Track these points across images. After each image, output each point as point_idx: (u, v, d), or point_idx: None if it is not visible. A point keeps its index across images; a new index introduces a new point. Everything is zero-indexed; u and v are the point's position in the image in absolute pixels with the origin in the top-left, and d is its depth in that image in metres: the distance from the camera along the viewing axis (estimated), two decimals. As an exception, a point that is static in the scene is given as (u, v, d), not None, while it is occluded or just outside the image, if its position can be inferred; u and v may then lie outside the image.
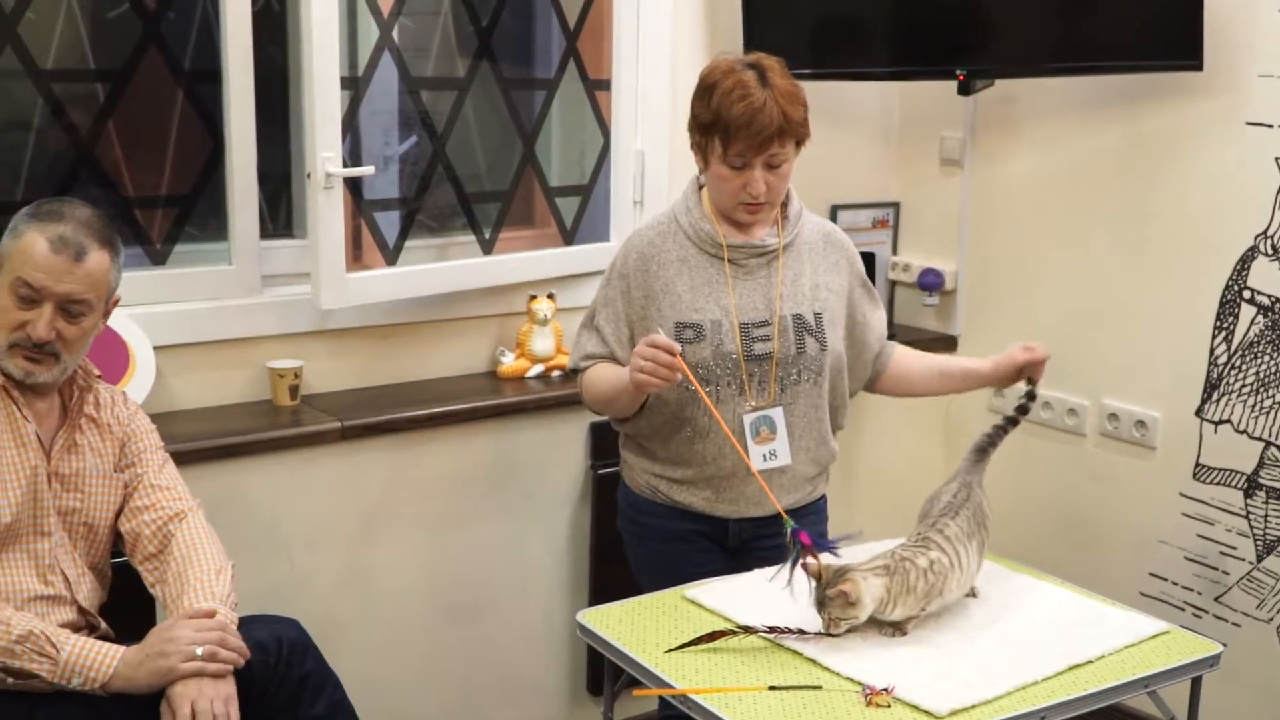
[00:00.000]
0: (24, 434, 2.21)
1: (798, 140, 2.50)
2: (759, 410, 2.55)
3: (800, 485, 2.63)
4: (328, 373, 3.12)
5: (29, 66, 2.79)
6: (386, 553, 3.09)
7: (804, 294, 2.58)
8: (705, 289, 2.56)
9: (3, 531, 2.17)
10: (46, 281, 2.15)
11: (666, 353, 2.37)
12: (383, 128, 3.25)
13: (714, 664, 2.15)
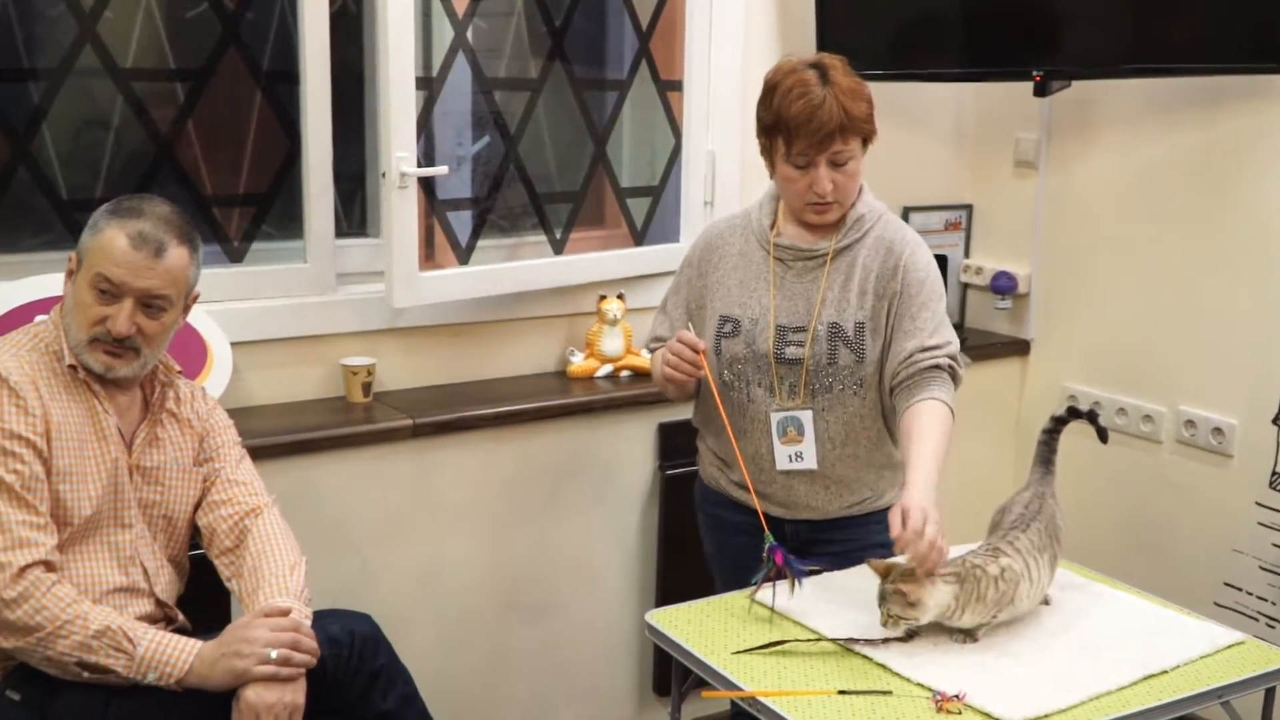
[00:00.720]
0: (105, 428, 2.25)
1: (864, 138, 2.47)
2: (787, 411, 2.54)
3: (854, 489, 2.60)
4: (400, 370, 3.14)
5: (108, 65, 2.84)
6: (456, 550, 3.11)
7: (849, 302, 2.51)
8: (752, 285, 2.56)
9: (84, 524, 2.20)
10: (126, 277, 2.18)
11: (691, 349, 2.43)
12: (456, 128, 3.27)
13: (782, 667, 2.14)
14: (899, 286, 2.50)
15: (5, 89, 2.76)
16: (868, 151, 2.51)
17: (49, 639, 2.05)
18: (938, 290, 2.52)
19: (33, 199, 2.81)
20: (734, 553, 2.67)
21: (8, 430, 2.11)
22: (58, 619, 2.06)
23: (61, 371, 2.22)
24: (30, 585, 2.06)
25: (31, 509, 2.11)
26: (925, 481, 2.27)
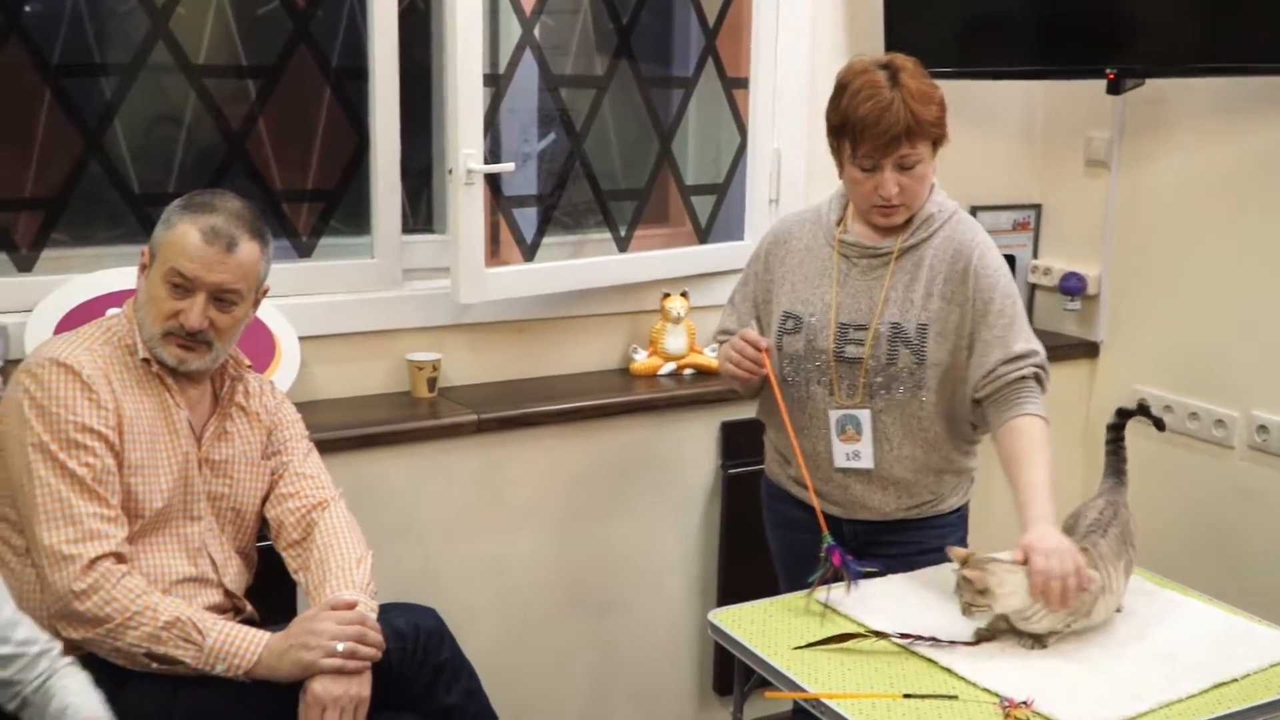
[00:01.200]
0: (176, 421, 2.27)
1: (934, 141, 2.44)
2: (845, 409, 2.52)
3: (913, 492, 2.58)
4: (465, 366, 3.16)
5: (180, 61, 2.87)
6: (519, 545, 3.12)
7: (913, 302, 2.48)
8: (815, 281, 2.55)
9: (154, 516, 2.23)
10: (199, 271, 2.20)
11: (753, 347, 2.42)
12: (522, 125, 3.28)
13: (847, 669, 2.13)
14: (971, 293, 2.46)
15: (78, 84, 2.80)
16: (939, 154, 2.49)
17: (118, 630, 2.08)
18: (1012, 294, 2.48)
19: (105, 193, 2.85)
20: (796, 549, 2.65)
21: (80, 423, 2.14)
22: (127, 610, 2.08)
23: (134, 365, 2.25)
24: (100, 577, 2.09)
25: (103, 501, 2.14)
26: (1049, 515, 2.24)
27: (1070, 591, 2.10)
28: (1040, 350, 2.46)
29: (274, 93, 2.99)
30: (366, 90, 3.01)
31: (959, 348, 2.48)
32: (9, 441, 2.17)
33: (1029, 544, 2.16)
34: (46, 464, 2.12)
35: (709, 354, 3.35)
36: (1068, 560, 2.11)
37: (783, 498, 2.69)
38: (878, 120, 2.37)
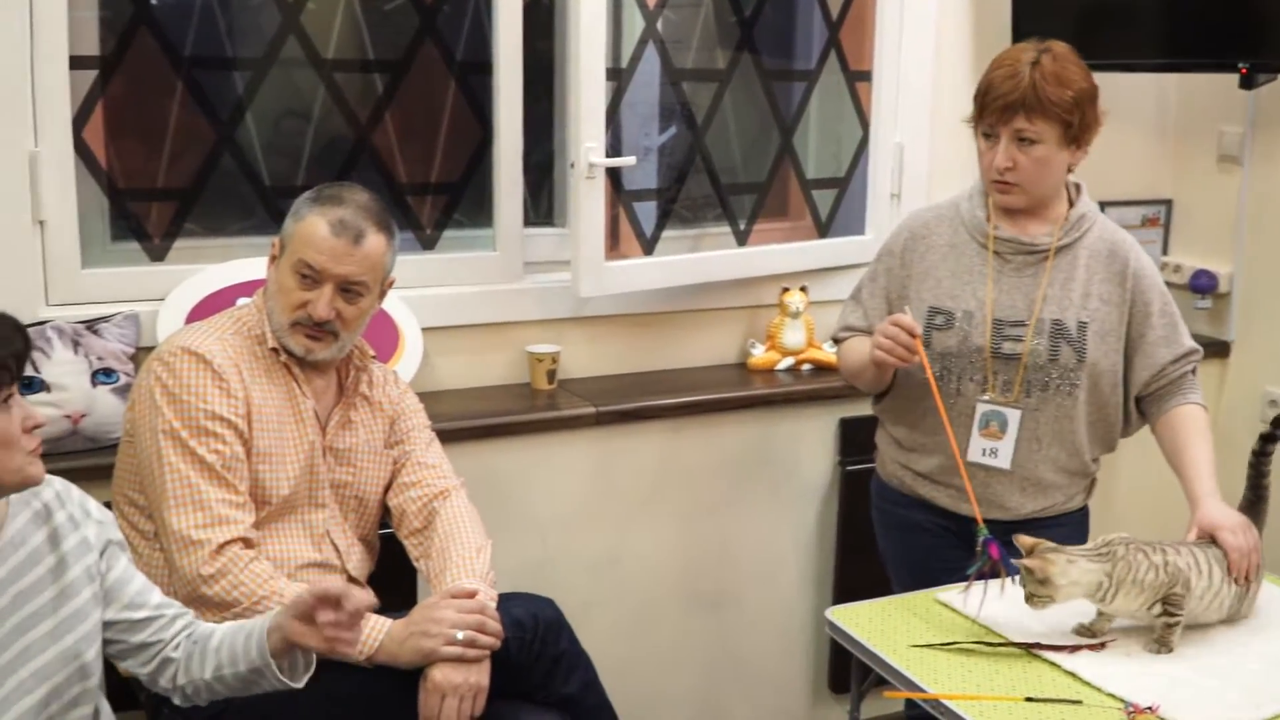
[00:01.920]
0: (303, 410, 2.31)
1: (1063, 127, 2.40)
2: (995, 405, 2.49)
3: (1049, 493, 2.55)
4: (583, 358, 3.17)
5: (311, 56, 2.92)
6: (635, 537, 3.13)
7: (1072, 300, 2.48)
8: (965, 277, 2.52)
9: (281, 503, 2.27)
10: (326, 263, 2.24)
11: (907, 333, 2.38)
12: (643, 119, 3.29)
13: (967, 670, 2.10)
14: (1129, 294, 2.49)
15: (211, 77, 2.86)
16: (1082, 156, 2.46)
17: (245, 614, 2.11)
18: (1167, 292, 2.55)
19: (237, 185, 2.91)
20: (916, 553, 2.64)
21: (210, 411, 2.19)
22: (254, 594, 2.13)
23: (263, 354, 2.29)
24: (228, 562, 2.14)
25: (231, 488, 2.19)
26: (1216, 491, 2.34)
27: (1254, 567, 2.21)
28: (1198, 346, 2.57)
29: (400, 87, 3.03)
30: (490, 84, 3.04)
31: (1117, 348, 2.50)
32: (140, 428, 2.23)
33: (1214, 522, 2.24)
34: (177, 450, 2.17)
35: (828, 349, 3.33)
36: (1251, 534, 2.22)
37: (900, 500, 2.66)
38: (1000, 85, 2.39)
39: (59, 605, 1.82)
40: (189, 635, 1.97)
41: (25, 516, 1.82)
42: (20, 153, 2.55)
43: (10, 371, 1.69)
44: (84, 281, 2.68)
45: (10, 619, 1.77)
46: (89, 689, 1.86)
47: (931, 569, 2.48)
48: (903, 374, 2.55)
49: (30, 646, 1.78)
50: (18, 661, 1.77)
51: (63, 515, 1.86)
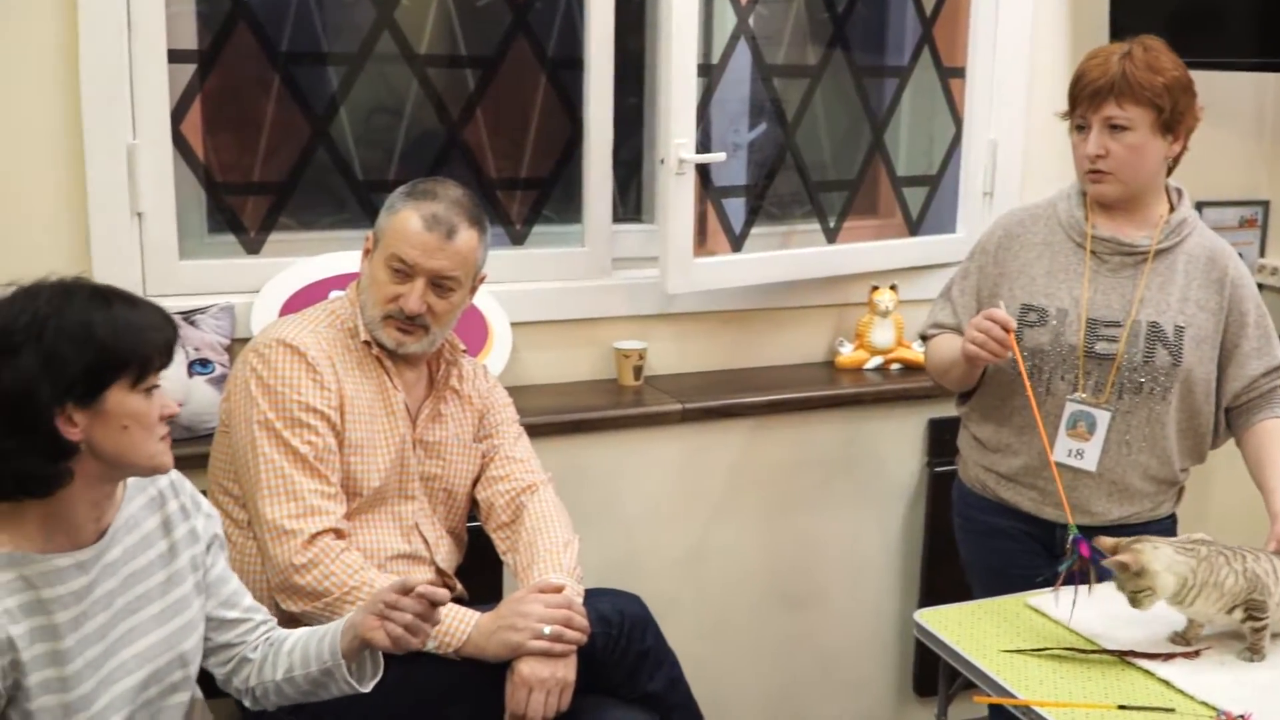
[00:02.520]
0: (394, 403, 2.33)
1: (1156, 112, 2.36)
2: (1085, 406, 2.45)
3: (1135, 500, 2.51)
4: (670, 355, 3.17)
5: (405, 51, 2.94)
6: (720, 535, 3.12)
7: (1169, 304, 2.44)
8: (1061, 276, 2.49)
9: (372, 494, 2.30)
10: (419, 258, 2.25)
11: (1001, 328, 2.35)
12: (733, 115, 3.27)
13: (1058, 676, 2.07)
14: (1227, 302, 2.46)
15: (306, 72, 2.90)
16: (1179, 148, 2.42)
17: (336, 604, 2.14)
18: (1262, 305, 2.51)
19: (330, 179, 2.94)
20: (994, 557, 2.61)
21: (304, 403, 2.21)
22: (345, 584, 2.15)
23: (355, 347, 2.31)
24: (320, 552, 2.16)
25: (323, 479, 2.21)
26: None
27: None
28: None
29: (491, 82, 3.04)
30: (581, 80, 3.04)
31: (1212, 356, 2.46)
32: (235, 418, 2.26)
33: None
34: (271, 441, 2.20)
35: (917, 349, 3.29)
36: None
37: (983, 504, 2.63)
38: (1090, 72, 2.38)
39: (166, 590, 1.86)
40: (266, 639, 2.00)
41: (140, 501, 1.86)
42: (119, 145, 2.59)
43: (161, 360, 1.73)
44: (181, 273, 2.72)
45: (120, 599, 1.80)
46: (187, 676, 1.89)
47: (1012, 576, 2.46)
48: (992, 370, 2.53)
49: (136, 628, 1.82)
50: (122, 642, 1.80)
51: (175, 504, 1.90)
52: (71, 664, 1.73)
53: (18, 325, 1.65)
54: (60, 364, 1.65)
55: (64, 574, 1.73)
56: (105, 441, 1.70)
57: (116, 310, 1.70)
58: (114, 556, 1.80)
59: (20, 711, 1.71)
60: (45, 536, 1.73)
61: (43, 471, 1.67)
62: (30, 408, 1.64)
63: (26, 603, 1.70)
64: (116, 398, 1.69)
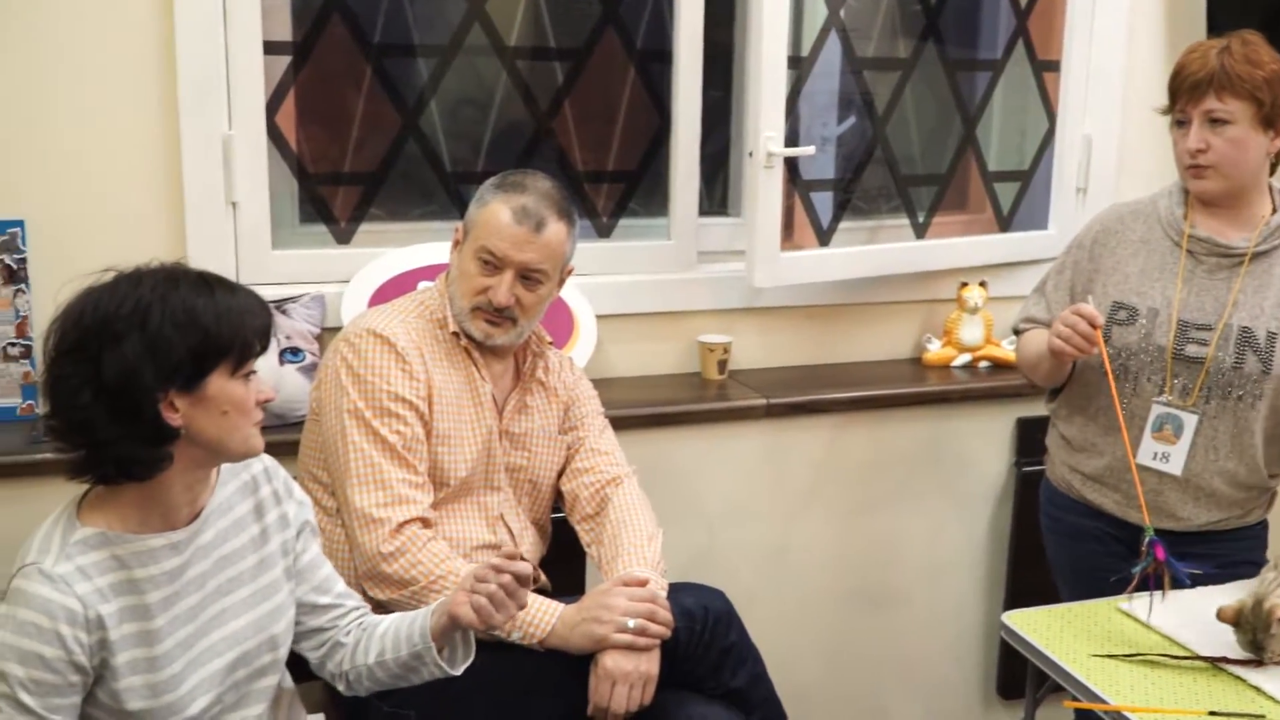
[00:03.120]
0: (481, 394, 2.34)
1: (1255, 102, 2.31)
2: (1172, 408, 2.41)
3: (1224, 505, 2.46)
4: (755, 349, 3.16)
5: (495, 44, 2.95)
6: (802, 532, 3.10)
7: (1263, 309, 2.38)
8: (1154, 275, 2.45)
9: (458, 485, 2.31)
10: (508, 250, 2.26)
11: (1088, 323, 2.32)
12: (821, 108, 3.25)
13: (1148, 681, 2.05)
14: None
15: (397, 64, 2.92)
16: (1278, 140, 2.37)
17: (422, 593, 2.16)
18: None
19: (420, 171, 2.96)
20: (1079, 560, 2.58)
21: (393, 393, 2.23)
22: (431, 574, 2.16)
23: (444, 338, 2.33)
24: (407, 540, 2.18)
25: (411, 468, 2.23)
26: None
27: None
28: None
29: (580, 75, 3.05)
30: (669, 73, 3.04)
31: None
32: (325, 407, 2.28)
33: None
34: (360, 430, 2.22)
35: (1006, 346, 3.26)
36: None
37: (1068, 505, 2.60)
38: (1189, 66, 2.36)
39: (258, 574, 1.89)
40: (360, 624, 2.01)
41: (234, 486, 1.89)
42: (215, 136, 2.63)
43: (260, 345, 1.76)
44: (273, 262, 2.75)
45: (212, 581, 1.83)
46: (276, 660, 1.91)
47: (1097, 578, 2.42)
48: (1081, 367, 2.50)
49: (227, 610, 1.85)
50: (213, 624, 1.83)
51: (268, 490, 1.93)
52: (161, 644, 1.76)
53: (122, 312, 1.67)
54: (164, 350, 1.67)
55: (157, 554, 1.76)
56: (205, 427, 1.72)
57: (218, 296, 1.72)
58: (207, 539, 1.82)
59: (108, 690, 1.74)
60: (140, 518, 1.76)
61: (144, 456, 1.70)
62: (134, 394, 1.66)
63: (118, 582, 1.73)
64: (217, 384, 1.71)
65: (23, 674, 1.66)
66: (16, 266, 2.52)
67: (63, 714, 1.70)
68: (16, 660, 1.66)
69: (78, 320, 1.69)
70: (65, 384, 1.68)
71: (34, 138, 2.51)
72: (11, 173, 2.51)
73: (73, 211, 2.55)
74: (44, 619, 1.66)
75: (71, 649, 1.68)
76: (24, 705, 1.66)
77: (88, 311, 1.69)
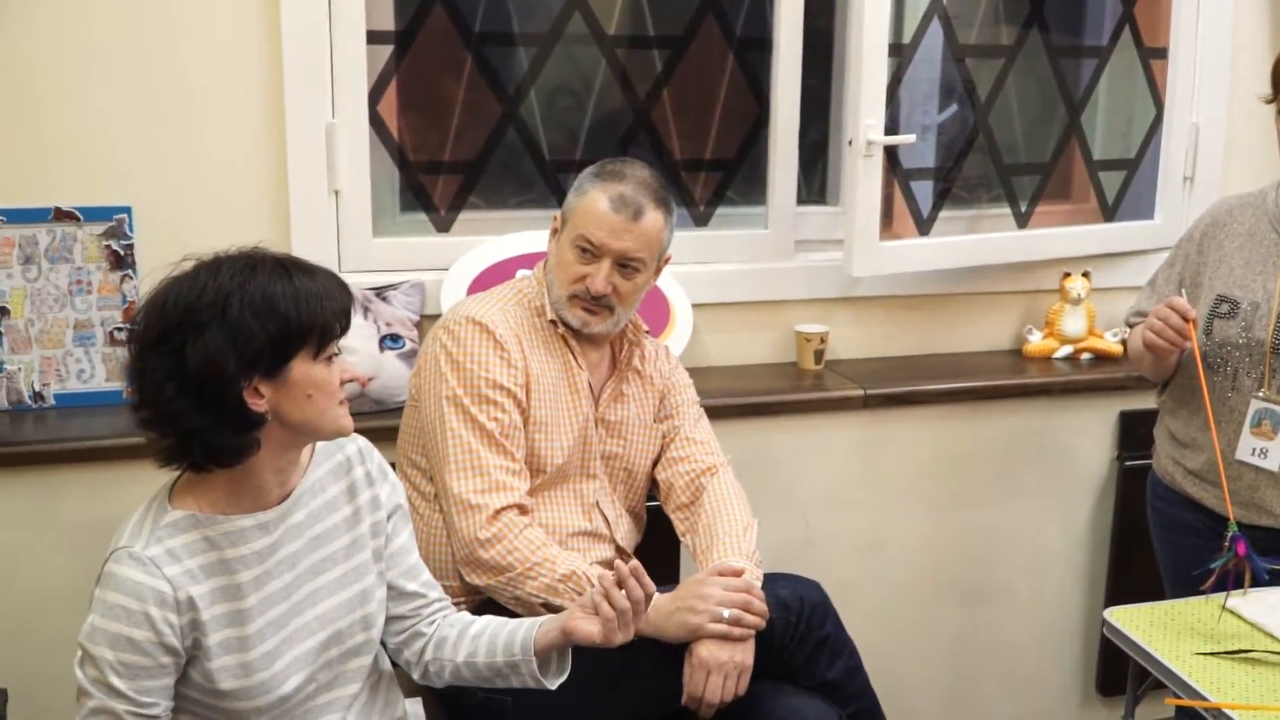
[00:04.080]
0: (578, 382, 2.35)
1: None
2: (1271, 404, 2.35)
3: None
4: (852, 340, 3.14)
5: (595, 32, 2.96)
6: (898, 523, 3.08)
7: None
8: (1258, 268, 2.40)
9: (555, 472, 2.32)
10: (605, 239, 2.27)
11: (1180, 317, 2.29)
12: (922, 96, 3.21)
13: (1251, 679, 2.01)
14: None
15: (497, 53, 2.93)
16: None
17: (519, 579, 2.17)
18: None
19: (519, 159, 2.98)
20: (1184, 555, 2.52)
21: (492, 380, 2.24)
22: (528, 560, 2.18)
23: (542, 326, 2.34)
24: (504, 527, 2.19)
25: (509, 455, 2.24)
26: None
27: None
28: None
29: (679, 63, 3.04)
30: (768, 61, 3.02)
31: None
32: (424, 393, 2.30)
33: None
34: (459, 416, 2.24)
35: (1110, 338, 3.20)
36: None
37: (1172, 498, 2.56)
38: None
39: (350, 554, 1.90)
40: (445, 617, 2.03)
41: (327, 467, 1.90)
42: (319, 125, 2.66)
43: (341, 327, 1.77)
44: (374, 250, 2.79)
45: (305, 560, 1.85)
46: (369, 640, 1.93)
47: (1200, 574, 2.36)
48: (1186, 361, 2.45)
49: (320, 590, 1.87)
50: (306, 603, 1.85)
51: (360, 471, 1.94)
52: (253, 623, 1.78)
53: (202, 302, 1.68)
54: (246, 338, 1.67)
55: (247, 534, 1.78)
56: (290, 410, 1.73)
57: (297, 281, 1.73)
58: (298, 519, 1.84)
59: (201, 670, 1.76)
60: (230, 500, 1.78)
61: (231, 444, 1.72)
62: (218, 384, 1.67)
63: (209, 563, 1.75)
64: (300, 368, 1.72)
65: (112, 657, 1.68)
66: (124, 252, 2.58)
67: (154, 695, 1.72)
68: (107, 644, 1.69)
69: (160, 311, 1.70)
70: (151, 376, 1.69)
71: (143, 126, 2.56)
72: (120, 160, 2.57)
73: (179, 198, 2.60)
74: (133, 601, 1.69)
75: (161, 631, 1.70)
76: (115, 689, 1.69)
77: (169, 302, 1.70)
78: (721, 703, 2.12)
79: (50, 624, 2.47)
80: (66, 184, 2.55)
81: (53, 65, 2.50)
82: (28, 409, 2.58)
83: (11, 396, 2.57)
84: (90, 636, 1.70)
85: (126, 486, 2.44)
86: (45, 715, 2.46)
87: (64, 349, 2.59)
